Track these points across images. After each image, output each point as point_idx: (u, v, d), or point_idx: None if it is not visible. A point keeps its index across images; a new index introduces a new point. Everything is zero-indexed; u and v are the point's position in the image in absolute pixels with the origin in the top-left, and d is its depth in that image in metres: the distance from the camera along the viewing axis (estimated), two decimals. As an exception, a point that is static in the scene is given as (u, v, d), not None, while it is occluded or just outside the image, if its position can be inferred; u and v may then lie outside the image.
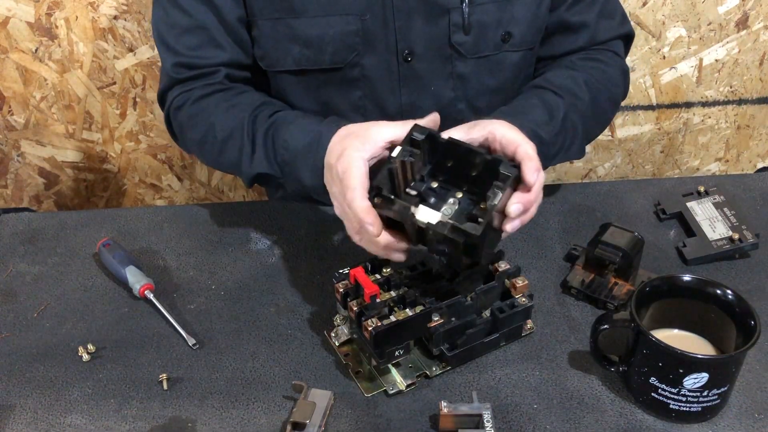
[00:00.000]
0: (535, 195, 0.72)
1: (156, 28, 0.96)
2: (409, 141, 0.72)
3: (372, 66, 0.95)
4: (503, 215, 0.72)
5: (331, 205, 0.79)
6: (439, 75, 0.96)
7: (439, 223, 0.69)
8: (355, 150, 0.73)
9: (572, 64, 0.98)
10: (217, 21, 0.93)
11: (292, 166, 0.85)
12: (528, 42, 0.98)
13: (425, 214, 0.71)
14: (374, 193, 0.70)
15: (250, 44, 0.96)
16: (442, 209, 0.73)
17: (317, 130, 0.82)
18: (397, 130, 0.74)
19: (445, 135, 0.74)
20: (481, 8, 0.92)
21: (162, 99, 0.99)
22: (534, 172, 0.71)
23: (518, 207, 0.71)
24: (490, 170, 0.71)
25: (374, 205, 0.70)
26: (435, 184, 0.74)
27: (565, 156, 0.93)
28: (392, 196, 0.70)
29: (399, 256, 0.74)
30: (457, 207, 0.73)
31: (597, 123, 1.00)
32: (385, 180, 0.70)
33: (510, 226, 0.72)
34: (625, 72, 1.02)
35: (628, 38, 1.03)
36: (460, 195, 0.73)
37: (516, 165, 0.71)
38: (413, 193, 0.72)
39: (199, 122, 0.93)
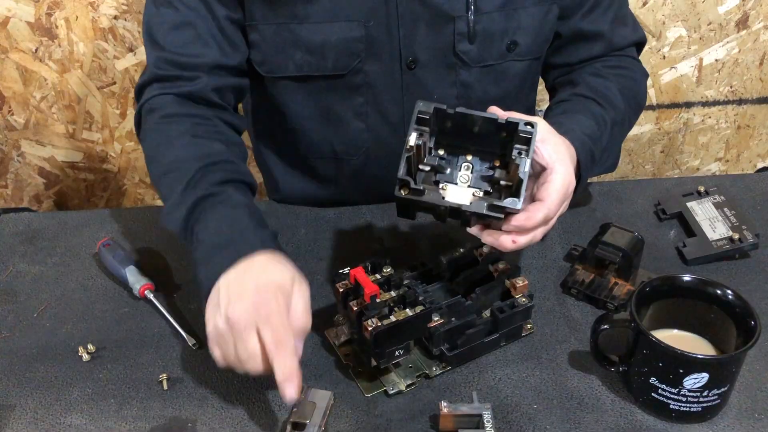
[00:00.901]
0: (533, 224, 0.71)
1: (146, 23, 0.94)
2: (417, 120, 0.71)
3: (375, 73, 0.94)
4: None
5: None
6: (443, 83, 0.96)
7: (474, 203, 0.70)
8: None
9: (601, 72, 0.97)
10: (205, 18, 0.90)
11: (197, 262, 0.77)
12: (534, 51, 0.98)
13: (455, 195, 0.71)
14: (399, 185, 0.70)
15: (240, 45, 0.94)
16: (460, 177, 0.73)
17: (222, 248, 0.75)
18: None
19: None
20: (487, 17, 0.92)
21: (140, 93, 0.96)
22: (535, 213, 0.71)
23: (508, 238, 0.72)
24: (500, 130, 0.71)
25: (402, 197, 0.70)
26: (442, 152, 0.74)
27: (602, 169, 0.94)
28: (421, 187, 0.69)
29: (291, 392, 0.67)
30: (471, 171, 0.74)
31: (627, 131, 1.00)
32: (404, 168, 0.70)
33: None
34: (646, 76, 1.02)
35: (640, 44, 1.04)
36: (470, 157, 0.74)
37: (531, 123, 0.70)
38: (427, 168, 0.72)
39: (156, 140, 0.89)
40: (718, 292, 0.75)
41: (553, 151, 0.73)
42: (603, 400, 0.75)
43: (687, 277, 0.76)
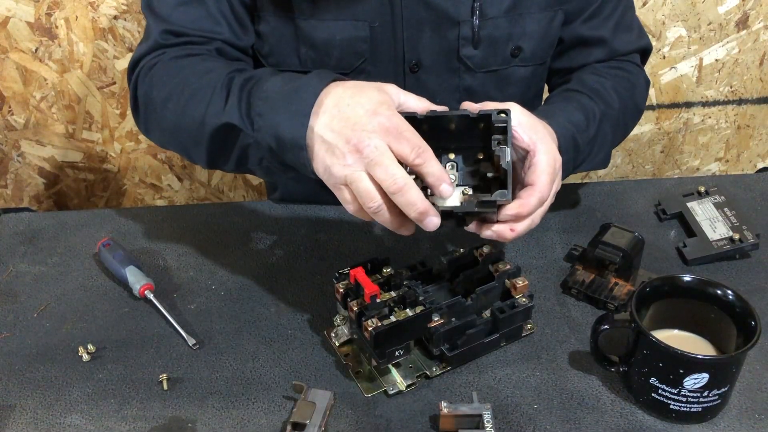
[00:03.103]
0: (529, 210, 0.71)
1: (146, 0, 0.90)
2: None
3: (378, 74, 0.94)
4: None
5: (309, 175, 0.71)
6: (446, 87, 0.96)
7: (465, 202, 0.69)
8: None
9: (598, 71, 0.97)
10: None
11: (267, 116, 0.72)
12: (538, 57, 0.97)
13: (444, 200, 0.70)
14: None
15: (249, 27, 0.92)
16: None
17: (305, 78, 0.72)
18: (418, 103, 0.71)
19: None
20: (492, 22, 0.92)
21: (135, 65, 0.89)
22: (528, 199, 0.70)
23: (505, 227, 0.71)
24: (476, 123, 0.70)
25: None
26: None
27: (591, 165, 0.92)
28: None
29: (413, 230, 0.70)
30: (457, 170, 0.73)
31: (623, 133, 0.99)
32: None
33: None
34: (647, 83, 1.01)
35: (645, 52, 1.03)
36: (452, 156, 0.73)
37: (503, 111, 0.69)
38: (412, 177, 0.71)
39: (170, 78, 0.83)
40: (719, 292, 0.75)
41: (532, 132, 0.72)
42: (603, 401, 0.75)
43: (687, 278, 0.76)
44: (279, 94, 0.72)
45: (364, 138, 0.65)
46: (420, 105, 0.71)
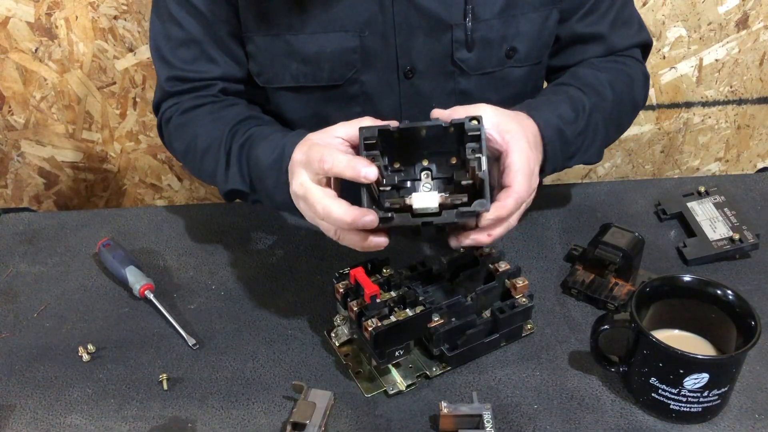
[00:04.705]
0: (507, 212, 0.70)
1: (153, 40, 0.96)
2: (364, 147, 0.69)
3: (372, 83, 0.94)
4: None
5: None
6: (441, 92, 0.95)
7: (445, 214, 0.68)
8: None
9: (593, 64, 0.96)
10: (208, 36, 0.93)
11: (262, 182, 0.83)
12: (534, 57, 0.97)
13: (421, 202, 0.70)
14: None
15: (244, 60, 0.96)
16: (423, 185, 0.72)
17: (282, 144, 0.80)
18: (350, 128, 0.72)
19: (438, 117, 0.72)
20: (485, 24, 0.91)
21: (157, 109, 1.00)
22: (505, 201, 0.70)
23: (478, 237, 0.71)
24: (448, 129, 0.69)
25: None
26: (398, 165, 0.73)
27: (583, 158, 0.91)
28: (389, 214, 0.68)
29: (383, 240, 0.71)
30: (431, 179, 0.73)
31: (618, 127, 0.98)
32: (368, 199, 0.69)
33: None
34: (646, 77, 1.00)
35: (645, 46, 1.02)
36: (426, 162, 0.73)
37: (476, 117, 0.68)
38: (388, 188, 0.71)
39: (184, 133, 0.94)
40: (719, 292, 0.75)
41: (504, 132, 0.71)
42: (603, 401, 0.75)
43: (687, 278, 0.76)
44: (267, 163, 0.82)
45: (293, 182, 0.73)
46: (353, 126, 0.72)
